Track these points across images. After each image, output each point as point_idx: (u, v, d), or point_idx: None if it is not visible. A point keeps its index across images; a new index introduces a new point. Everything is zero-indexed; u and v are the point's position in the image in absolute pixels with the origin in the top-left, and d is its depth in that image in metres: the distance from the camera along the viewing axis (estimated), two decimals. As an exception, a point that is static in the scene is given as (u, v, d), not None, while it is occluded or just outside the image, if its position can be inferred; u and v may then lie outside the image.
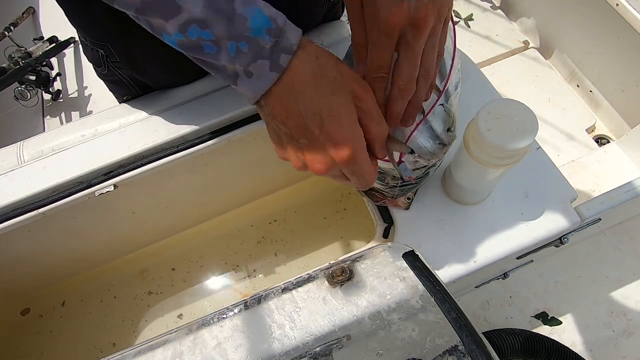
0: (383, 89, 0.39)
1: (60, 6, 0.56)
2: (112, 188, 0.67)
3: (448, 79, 0.44)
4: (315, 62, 0.36)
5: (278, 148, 0.40)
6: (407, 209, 0.56)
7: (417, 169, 0.47)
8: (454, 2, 1.55)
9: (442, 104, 0.45)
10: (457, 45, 0.46)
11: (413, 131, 0.44)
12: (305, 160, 0.38)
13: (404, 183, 0.50)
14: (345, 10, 0.45)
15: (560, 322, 0.79)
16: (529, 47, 1.35)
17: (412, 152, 0.44)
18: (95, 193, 0.67)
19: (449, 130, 0.46)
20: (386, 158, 0.42)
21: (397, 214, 0.57)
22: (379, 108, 0.38)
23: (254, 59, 0.34)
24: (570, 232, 0.59)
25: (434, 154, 0.45)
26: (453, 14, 1.42)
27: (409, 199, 0.55)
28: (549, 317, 0.79)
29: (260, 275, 0.98)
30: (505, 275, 0.76)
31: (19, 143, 0.70)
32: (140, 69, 0.65)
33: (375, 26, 0.35)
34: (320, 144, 0.36)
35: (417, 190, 0.56)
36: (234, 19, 0.33)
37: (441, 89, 0.44)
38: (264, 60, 0.34)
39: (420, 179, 0.51)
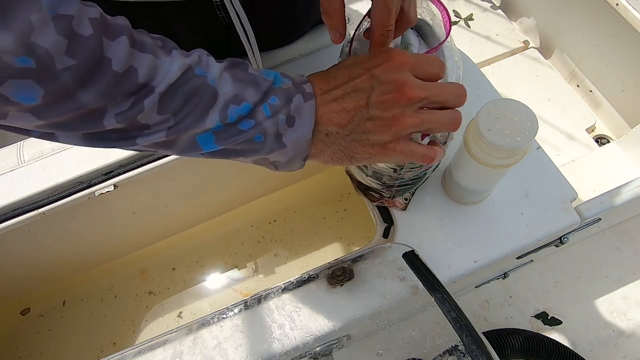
0: None
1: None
2: (112, 188, 0.68)
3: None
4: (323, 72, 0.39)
5: (379, 148, 0.38)
6: (404, 209, 0.56)
7: (414, 168, 0.47)
8: (454, 2, 1.52)
9: None
10: (457, 45, 0.46)
11: None
12: (395, 105, 0.36)
13: (401, 183, 0.50)
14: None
15: (560, 322, 0.79)
16: (529, 47, 1.35)
17: None
18: (95, 193, 0.67)
19: None
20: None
21: (397, 214, 0.57)
22: None
23: (289, 99, 0.36)
24: (570, 232, 0.59)
25: None
26: (453, 14, 1.42)
27: (406, 199, 0.55)
28: (549, 317, 0.79)
29: (260, 276, 0.98)
30: (505, 275, 0.76)
31: (19, 143, 0.70)
32: None
33: None
34: (380, 81, 0.36)
35: (414, 191, 0.56)
36: (257, 81, 0.36)
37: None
38: (296, 96, 0.37)
39: (417, 180, 0.50)
